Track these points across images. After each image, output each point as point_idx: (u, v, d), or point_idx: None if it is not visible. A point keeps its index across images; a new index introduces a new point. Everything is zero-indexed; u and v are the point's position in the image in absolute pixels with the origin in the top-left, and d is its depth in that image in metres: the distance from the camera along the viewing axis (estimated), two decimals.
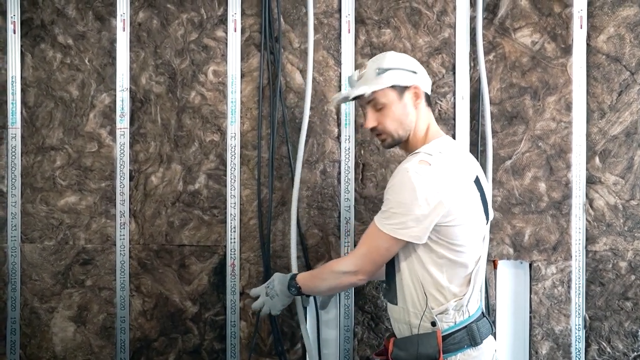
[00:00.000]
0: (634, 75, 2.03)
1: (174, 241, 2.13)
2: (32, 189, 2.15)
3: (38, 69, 2.15)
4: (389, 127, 1.56)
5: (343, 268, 1.53)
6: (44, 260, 2.15)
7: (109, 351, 2.14)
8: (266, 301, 1.69)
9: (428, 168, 1.43)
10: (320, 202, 2.09)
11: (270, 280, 1.70)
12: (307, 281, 1.63)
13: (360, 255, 1.51)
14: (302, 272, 1.67)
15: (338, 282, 1.55)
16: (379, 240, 1.47)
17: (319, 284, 1.60)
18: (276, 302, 1.68)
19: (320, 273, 1.60)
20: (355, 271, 1.51)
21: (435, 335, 1.46)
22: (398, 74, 1.54)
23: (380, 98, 1.55)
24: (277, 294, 1.67)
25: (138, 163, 2.14)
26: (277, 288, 1.67)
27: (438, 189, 1.41)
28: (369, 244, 1.50)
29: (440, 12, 2.06)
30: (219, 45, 2.12)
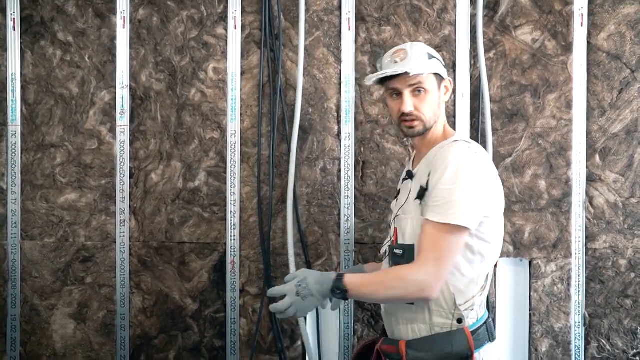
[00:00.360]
0: (635, 73, 2.02)
1: (174, 238, 2.13)
2: (32, 187, 2.15)
3: (38, 66, 2.15)
4: (426, 113, 1.49)
5: (415, 277, 1.36)
6: (44, 258, 2.15)
7: (109, 348, 2.14)
8: (296, 302, 1.40)
9: (477, 155, 1.42)
10: (320, 199, 2.09)
11: (301, 279, 1.43)
12: (360, 286, 1.41)
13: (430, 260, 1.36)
14: (349, 274, 1.44)
15: (405, 294, 1.39)
16: (452, 237, 1.36)
17: (379, 292, 1.40)
18: (308, 304, 1.41)
19: (384, 280, 1.41)
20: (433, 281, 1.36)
21: (463, 333, 1.40)
22: (439, 64, 1.53)
23: (426, 82, 1.49)
24: (313, 295, 1.41)
25: (138, 160, 2.14)
26: (314, 288, 1.41)
27: (489, 177, 1.41)
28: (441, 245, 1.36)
29: (441, 9, 2.06)
30: (219, 43, 2.12)
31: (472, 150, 1.42)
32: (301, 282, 1.42)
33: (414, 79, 1.47)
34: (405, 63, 1.48)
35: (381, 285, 1.40)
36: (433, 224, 1.37)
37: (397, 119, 1.52)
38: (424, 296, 1.38)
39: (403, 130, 1.53)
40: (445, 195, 1.37)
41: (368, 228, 2.08)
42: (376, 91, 2.09)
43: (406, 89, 1.48)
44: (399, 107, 1.50)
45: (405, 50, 1.50)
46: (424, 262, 1.37)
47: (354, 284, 1.40)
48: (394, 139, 2.08)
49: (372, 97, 2.09)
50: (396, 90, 1.50)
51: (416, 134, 1.52)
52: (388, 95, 1.54)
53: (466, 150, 1.41)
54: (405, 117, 1.50)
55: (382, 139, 2.08)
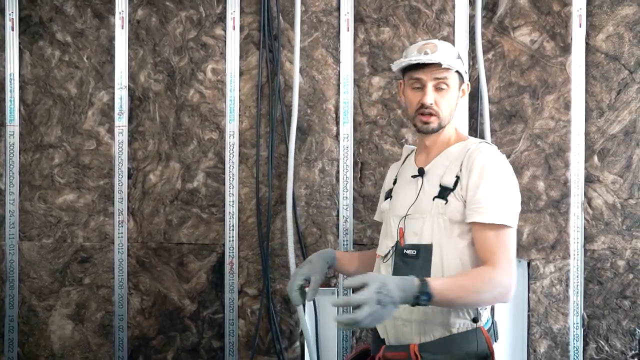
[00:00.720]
0: (633, 74, 2.03)
1: (172, 239, 2.13)
2: (30, 187, 2.15)
3: (36, 67, 2.14)
4: (444, 110, 1.47)
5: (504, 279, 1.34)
6: (42, 258, 2.14)
7: (107, 349, 2.14)
8: (375, 311, 1.23)
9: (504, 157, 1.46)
10: (318, 200, 2.09)
11: (380, 285, 1.25)
12: (447, 291, 1.30)
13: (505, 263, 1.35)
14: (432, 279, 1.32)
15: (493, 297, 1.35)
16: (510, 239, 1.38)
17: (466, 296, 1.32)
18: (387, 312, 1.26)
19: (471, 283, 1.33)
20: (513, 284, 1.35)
21: (481, 332, 1.39)
22: (460, 64, 1.51)
23: (450, 79, 1.47)
24: (395, 302, 1.26)
25: (136, 161, 2.14)
26: (396, 294, 1.25)
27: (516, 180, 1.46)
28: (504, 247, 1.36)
29: (440, 10, 2.06)
30: (218, 43, 2.12)
31: (500, 153, 1.46)
32: (381, 288, 1.25)
33: (440, 72, 1.45)
34: (436, 55, 1.45)
35: (469, 289, 1.32)
36: (495, 225, 1.35)
37: (414, 112, 1.49)
38: (507, 299, 1.37)
39: (417, 125, 1.50)
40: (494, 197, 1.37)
41: (367, 229, 2.08)
42: (375, 92, 2.09)
43: (430, 82, 1.46)
44: (419, 98, 1.46)
45: (435, 45, 1.48)
46: (501, 264, 1.34)
47: (440, 289, 1.30)
48: (392, 140, 2.08)
49: (370, 98, 2.09)
50: (420, 80, 1.47)
51: (430, 131, 1.49)
52: (409, 86, 1.50)
53: (498, 153, 1.45)
54: (423, 110, 1.47)
55: (381, 140, 2.08)
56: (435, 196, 1.44)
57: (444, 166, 1.46)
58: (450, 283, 1.33)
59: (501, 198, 1.37)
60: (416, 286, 1.28)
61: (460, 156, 1.45)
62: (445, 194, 1.42)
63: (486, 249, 1.36)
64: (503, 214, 1.36)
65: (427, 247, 1.42)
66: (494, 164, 1.40)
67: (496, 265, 1.34)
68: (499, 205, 1.36)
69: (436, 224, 1.42)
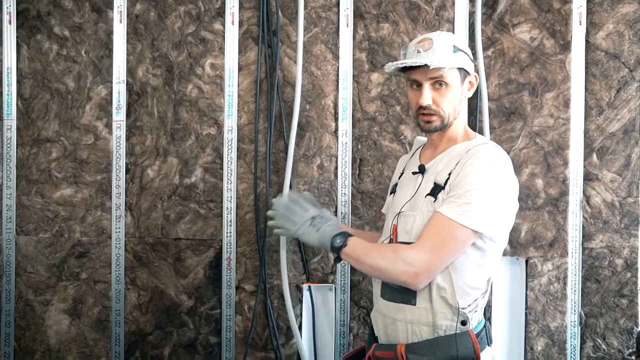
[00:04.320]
0: (633, 72, 2.02)
1: (169, 235, 2.12)
2: (27, 181, 2.14)
3: (34, 60, 2.13)
4: (445, 108, 1.44)
5: (408, 257, 1.33)
6: (39, 253, 2.14)
7: (104, 344, 2.14)
8: (302, 222, 1.48)
9: (504, 161, 1.39)
10: (317, 197, 2.09)
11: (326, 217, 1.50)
12: (359, 247, 1.41)
13: (428, 248, 1.33)
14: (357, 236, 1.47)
15: (392, 269, 1.35)
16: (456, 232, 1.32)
17: (370, 255, 1.39)
18: (307, 233, 1.48)
19: (381, 248, 1.42)
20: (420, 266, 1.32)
21: (468, 335, 1.36)
22: (466, 58, 1.46)
23: (447, 76, 1.42)
24: (319, 231, 1.46)
25: (134, 156, 2.13)
26: (326, 228, 1.46)
27: (512, 184, 1.40)
28: (439, 237, 1.33)
29: (439, 7, 2.05)
30: (217, 38, 2.11)
31: (501, 155, 1.41)
32: (324, 217, 1.51)
33: (434, 71, 1.41)
34: (428, 54, 1.42)
35: (376, 251, 1.40)
36: (445, 217, 1.34)
37: (415, 112, 1.47)
38: (408, 280, 1.34)
39: (420, 124, 1.48)
40: (469, 197, 1.33)
41: (365, 225, 2.08)
42: (374, 88, 2.08)
43: (426, 82, 1.43)
44: (418, 99, 1.44)
45: (431, 40, 1.43)
46: (421, 247, 1.34)
47: (354, 241, 1.43)
48: (391, 136, 2.07)
49: (369, 94, 2.08)
50: (416, 81, 1.44)
51: (433, 130, 1.47)
52: (408, 86, 1.48)
53: (497, 154, 1.39)
54: (422, 111, 1.45)
55: (380, 136, 2.08)
56: (428, 193, 1.42)
57: (444, 164, 1.45)
58: (366, 243, 1.44)
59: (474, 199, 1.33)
60: (340, 231, 1.45)
61: (459, 155, 1.43)
62: (436, 192, 1.41)
63: (423, 231, 1.37)
64: (465, 214, 1.33)
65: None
66: (485, 165, 1.35)
67: (415, 246, 1.36)
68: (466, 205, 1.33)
69: (425, 221, 1.40)
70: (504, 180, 1.37)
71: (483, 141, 1.46)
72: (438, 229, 1.34)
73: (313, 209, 1.53)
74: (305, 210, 1.52)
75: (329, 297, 2.09)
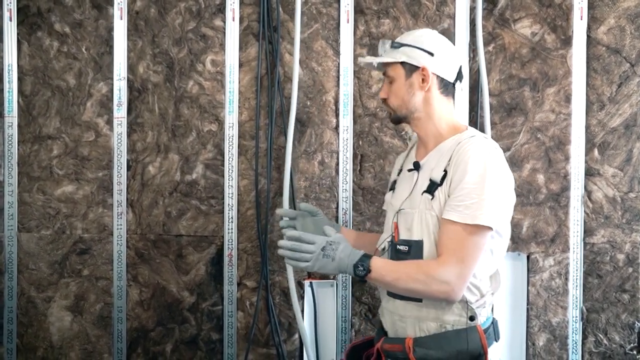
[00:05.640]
0: (634, 67, 2.02)
1: (171, 231, 2.13)
2: (28, 178, 2.14)
3: (35, 57, 2.13)
4: (392, 102, 1.51)
5: (441, 276, 1.33)
6: (41, 250, 2.14)
7: (106, 341, 2.14)
8: (316, 256, 1.40)
9: (497, 152, 1.40)
10: (318, 193, 2.09)
11: (335, 240, 1.42)
12: (384, 271, 1.38)
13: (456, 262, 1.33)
14: (378, 257, 1.43)
15: (428, 290, 1.35)
16: (475, 237, 1.33)
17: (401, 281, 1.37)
18: (324, 264, 1.40)
19: (410, 270, 1.37)
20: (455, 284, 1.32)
21: (476, 330, 1.37)
22: (413, 52, 1.47)
23: (389, 72, 1.51)
24: (334, 260, 1.39)
25: (135, 152, 2.13)
26: (340, 254, 1.40)
27: (509, 174, 1.41)
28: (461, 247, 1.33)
29: (440, 2, 2.05)
30: (217, 35, 2.11)
31: (492, 147, 1.40)
32: (333, 242, 1.42)
33: (384, 68, 1.53)
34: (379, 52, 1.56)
35: (406, 276, 1.37)
36: (458, 225, 1.33)
37: None
38: (447, 297, 1.35)
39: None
40: (473, 196, 1.33)
41: (366, 221, 2.08)
42: (375, 84, 2.08)
43: (385, 77, 1.55)
44: None
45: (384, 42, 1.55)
46: (449, 262, 1.33)
47: (379, 267, 1.38)
48: (392, 132, 2.07)
49: (370, 90, 2.08)
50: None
51: (392, 121, 1.58)
52: None
53: (487, 147, 1.38)
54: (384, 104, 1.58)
55: (380, 132, 2.07)
56: (424, 190, 1.43)
57: (436, 160, 1.45)
58: (392, 266, 1.40)
59: (481, 197, 1.33)
60: (359, 255, 1.39)
61: (450, 150, 1.43)
62: (433, 189, 1.41)
63: (442, 244, 1.36)
64: (476, 214, 1.32)
65: (418, 244, 1.42)
66: (480, 161, 1.35)
67: (442, 262, 1.34)
68: (474, 205, 1.33)
69: (424, 220, 1.41)
70: (499, 173, 1.37)
71: (472, 134, 1.45)
72: (457, 238, 1.34)
73: (319, 238, 1.43)
74: (312, 242, 1.41)
75: (330, 293, 2.10)
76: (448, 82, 1.49)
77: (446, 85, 1.49)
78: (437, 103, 1.48)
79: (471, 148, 1.37)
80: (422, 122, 1.50)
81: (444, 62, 1.48)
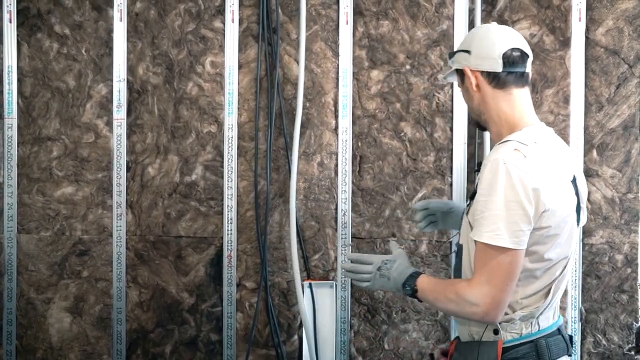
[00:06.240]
0: (632, 68, 2.02)
1: (170, 232, 2.13)
2: (28, 180, 2.14)
3: (34, 59, 2.14)
4: (468, 107, 1.50)
5: (470, 298, 1.27)
6: (40, 251, 2.14)
7: (105, 342, 2.14)
8: (373, 276, 1.43)
9: (525, 160, 1.24)
10: (317, 194, 2.09)
11: (391, 260, 1.44)
12: (428, 291, 1.38)
13: (483, 282, 1.26)
14: (425, 275, 1.41)
15: (460, 312, 1.33)
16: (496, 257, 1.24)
17: (440, 300, 1.37)
18: (382, 284, 1.44)
19: (445, 290, 1.35)
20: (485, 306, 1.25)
21: (494, 345, 1.30)
22: (459, 56, 1.42)
23: (456, 81, 1.52)
24: (389, 279, 1.41)
25: (135, 154, 2.13)
26: (394, 274, 1.41)
27: (540, 187, 1.23)
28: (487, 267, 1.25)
29: (439, 3, 2.05)
30: (217, 36, 2.11)
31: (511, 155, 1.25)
32: (388, 261, 1.44)
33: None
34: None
35: (443, 296, 1.35)
36: (480, 244, 1.27)
37: None
38: (481, 319, 1.30)
39: None
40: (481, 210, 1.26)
41: (365, 222, 2.08)
42: (373, 85, 2.08)
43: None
44: None
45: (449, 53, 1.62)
46: (476, 282, 1.28)
47: (424, 287, 1.38)
48: (391, 133, 2.08)
49: (369, 92, 2.08)
50: None
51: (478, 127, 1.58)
52: None
53: (505, 155, 1.25)
54: None
55: (380, 133, 2.08)
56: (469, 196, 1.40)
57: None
58: (434, 285, 1.39)
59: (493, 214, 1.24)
60: (406, 276, 1.40)
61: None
62: (473, 195, 1.35)
63: (473, 263, 1.31)
64: (490, 233, 1.24)
65: (460, 248, 1.41)
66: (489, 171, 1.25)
67: (470, 282, 1.30)
68: (488, 222, 1.24)
69: (465, 225, 1.37)
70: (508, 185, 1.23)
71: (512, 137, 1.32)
72: (482, 258, 1.27)
73: (375, 258, 1.46)
74: (369, 263, 1.45)
75: (329, 294, 2.10)
76: (496, 73, 1.36)
77: (496, 76, 1.36)
78: (493, 100, 1.38)
79: (491, 155, 1.30)
80: (488, 123, 1.42)
81: (482, 56, 1.37)
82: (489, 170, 1.25)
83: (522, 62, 1.39)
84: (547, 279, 1.31)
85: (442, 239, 2.06)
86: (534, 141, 1.30)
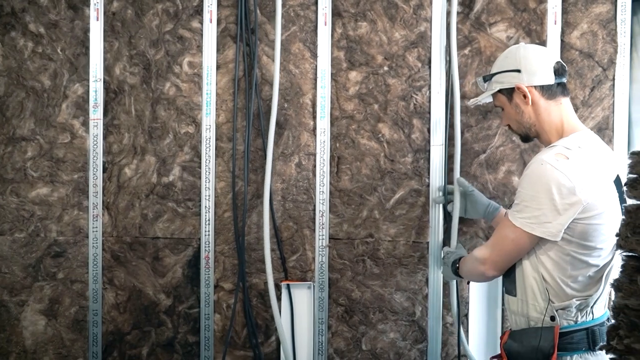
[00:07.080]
0: (606, 71, 2.05)
1: (147, 234, 2.11)
2: (2, 180, 2.11)
3: (8, 58, 2.11)
4: (513, 126, 1.64)
5: (476, 254, 1.58)
6: (14, 253, 2.11)
7: (81, 345, 2.12)
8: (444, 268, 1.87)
9: (566, 162, 1.42)
10: (295, 195, 2.09)
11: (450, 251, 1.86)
12: (462, 264, 1.71)
13: (490, 244, 1.55)
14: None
15: (472, 268, 1.63)
16: (508, 231, 1.48)
17: (465, 264, 1.68)
18: (446, 272, 1.82)
19: (468, 257, 1.69)
20: (483, 260, 1.54)
21: (552, 331, 1.44)
22: (502, 77, 1.59)
23: (496, 102, 1.65)
24: (446, 264, 1.80)
25: (111, 154, 2.11)
26: (447, 261, 1.80)
27: (576, 184, 1.39)
28: (499, 235, 1.53)
29: (417, 5, 2.06)
30: (195, 36, 2.10)
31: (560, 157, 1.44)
32: (449, 252, 1.85)
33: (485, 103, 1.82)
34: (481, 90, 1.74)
35: (466, 260, 1.69)
36: (505, 218, 1.53)
37: None
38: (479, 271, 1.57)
39: None
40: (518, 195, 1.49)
41: (343, 223, 2.08)
42: (352, 87, 2.09)
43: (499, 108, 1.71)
44: None
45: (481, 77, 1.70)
46: (486, 245, 1.59)
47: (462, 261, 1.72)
48: (369, 134, 2.08)
49: (347, 93, 2.09)
50: None
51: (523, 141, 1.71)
52: None
53: (551, 157, 1.44)
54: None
55: (357, 134, 2.08)
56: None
57: None
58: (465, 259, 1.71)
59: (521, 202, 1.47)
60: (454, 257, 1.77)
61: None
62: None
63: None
64: (514, 211, 1.49)
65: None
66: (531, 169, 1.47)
67: (482, 245, 1.63)
68: (516, 206, 1.49)
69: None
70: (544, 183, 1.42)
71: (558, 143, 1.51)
72: (499, 229, 1.55)
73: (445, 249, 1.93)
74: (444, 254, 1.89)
75: (307, 294, 2.09)
76: (549, 86, 1.55)
77: (548, 88, 1.55)
78: (545, 111, 1.56)
79: (538, 155, 1.50)
80: (540, 134, 1.59)
81: (533, 71, 1.55)
82: (531, 168, 1.47)
83: (565, 72, 1.58)
84: (594, 269, 1.46)
85: (419, 239, 2.07)
86: (578, 146, 1.47)
